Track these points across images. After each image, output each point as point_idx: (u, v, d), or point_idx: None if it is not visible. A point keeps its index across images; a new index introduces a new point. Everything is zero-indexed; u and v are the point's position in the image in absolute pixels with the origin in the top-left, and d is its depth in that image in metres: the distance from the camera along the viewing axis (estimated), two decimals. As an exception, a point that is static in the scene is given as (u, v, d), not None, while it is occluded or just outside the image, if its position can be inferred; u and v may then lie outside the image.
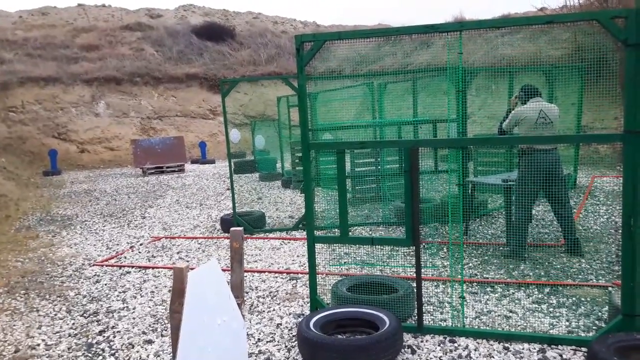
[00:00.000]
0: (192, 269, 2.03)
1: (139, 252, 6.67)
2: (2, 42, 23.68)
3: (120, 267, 6.02)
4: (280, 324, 4.06)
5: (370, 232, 6.89)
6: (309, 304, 4.19)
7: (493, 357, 3.30)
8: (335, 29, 34.01)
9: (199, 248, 6.74)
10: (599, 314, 3.87)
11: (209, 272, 2.08)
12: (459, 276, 4.59)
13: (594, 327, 3.65)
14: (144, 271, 5.80)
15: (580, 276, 4.71)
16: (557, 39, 14.01)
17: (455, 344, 3.51)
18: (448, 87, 5.91)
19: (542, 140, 4.88)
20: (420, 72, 9.24)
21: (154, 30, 27.55)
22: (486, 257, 5.46)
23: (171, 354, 3.63)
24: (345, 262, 5.53)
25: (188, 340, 1.86)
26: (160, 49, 26.25)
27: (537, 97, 5.29)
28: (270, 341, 3.76)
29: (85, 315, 4.53)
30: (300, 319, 4.04)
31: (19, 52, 23.34)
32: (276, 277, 5.29)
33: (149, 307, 4.64)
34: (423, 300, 3.80)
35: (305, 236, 4.01)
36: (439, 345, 3.51)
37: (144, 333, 4.06)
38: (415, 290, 3.78)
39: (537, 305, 4.10)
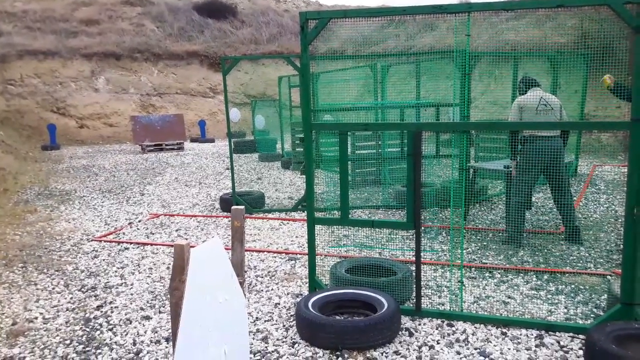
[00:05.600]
0: (192, 246, 2.00)
1: (138, 229, 6.66)
2: (1, 13, 23.34)
3: (119, 243, 6.01)
4: (279, 304, 4.07)
5: (369, 215, 6.88)
6: (307, 285, 4.19)
7: (491, 342, 3.31)
8: (338, 9, 33.58)
9: (197, 226, 6.73)
10: (597, 302, 3.88)
11: (212, 250, 2.06)
12: (459, 261, 4.59)
13: (592, 315, 3.65)
14: (142, 248, 5.80)
15: (579, 264, 4.72)
16: (562, 25, 13.86)
17: (453, 328, 3.52)
18: (454, 70, 5.84)
19: (547, 126, 4.84)
20: (425, 54, 9.14)
21: (154, 5, 27.14)
22: (485, 243, 5.46)
23: (169, 331, 3.63)
24: (344, 244, 5.52)
25: (190, 318, 1.85)
26: (161, 24, 25.92)
27: (536, 87, 5.31)
28: (268, 320, 3.76)
29: (83, 290, 4.53)
30: (298, 299, 4.04)
31: (18, 24, 23.03)
32: (275, 257, 5.29)
33: (147, 283, 4.64)
34: (422, 283, 3.79)
35: (305, 217, 3.99)
36: (436, 329, 3.52)
37: (141, 309, 4.06)
38: (413, 273, 3.78)
39: (535, 292, 4.10)
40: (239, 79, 23.96)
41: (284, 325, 3.66)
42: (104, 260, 5.38)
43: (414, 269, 3.79)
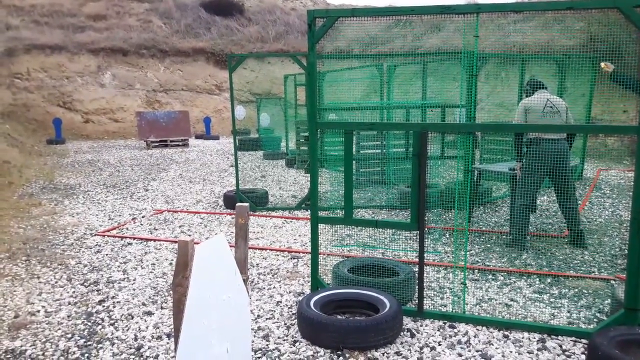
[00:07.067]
0: (196, 243, 2.00)
1: (141, 224, 6.67)
2: (9, 7, 23.43)
3: (122, 238, 6.02)
4: (280, 302, 4.06)
5: (372, 215, 6.87)
6: (309, 283, 4.18)
7: (492, 345, 3.30)
8: (346, 8, 33.50)
9: (201, 223, 6.74)
10: (601, 306, 3.86)
11: (216, 247, 2.05)
12: (462, 262, 4.58)
13: (594, 320, 3.63)
14: (145, 243, 5.80)
15: (582, 268, 4.69)
16: (570, 27, 13.79)
17: (455, 330, 3.51)
18: (461, 71, 5.82)
19: (554, 129, 4.81)
20: (432, 54, 9.12)
21: (162, 2, 27.17)
22: (489, 245, 5.44)
23: (170, 327, 3.64)
24: (347, 244, 5.52)
25: (193, 314, 1.84)
26: (168, 21, 25.96)
27: (542, 90, 5.28)
28: (269, 318, 3.76)
29: (85, 284, 4.54)
30: (300, 298, 4.04)
31: (25, 18, 23.11)
32: (277, 255, 5.29)
33: (150, 279, 4.65)
34: (424, 284, 3.78)
35: (308, 216, 3.98)
36: (438, 330, 3.50)
37: (143, 304, 4.07)
38: (416, 274, 3.77)
39: (538, 295, 4.08)
40: (245, 77, 23.95)
41: (285, 324, 3.66)
42: (106, 255, 5.39)
43: (416, 269, 3.78)
